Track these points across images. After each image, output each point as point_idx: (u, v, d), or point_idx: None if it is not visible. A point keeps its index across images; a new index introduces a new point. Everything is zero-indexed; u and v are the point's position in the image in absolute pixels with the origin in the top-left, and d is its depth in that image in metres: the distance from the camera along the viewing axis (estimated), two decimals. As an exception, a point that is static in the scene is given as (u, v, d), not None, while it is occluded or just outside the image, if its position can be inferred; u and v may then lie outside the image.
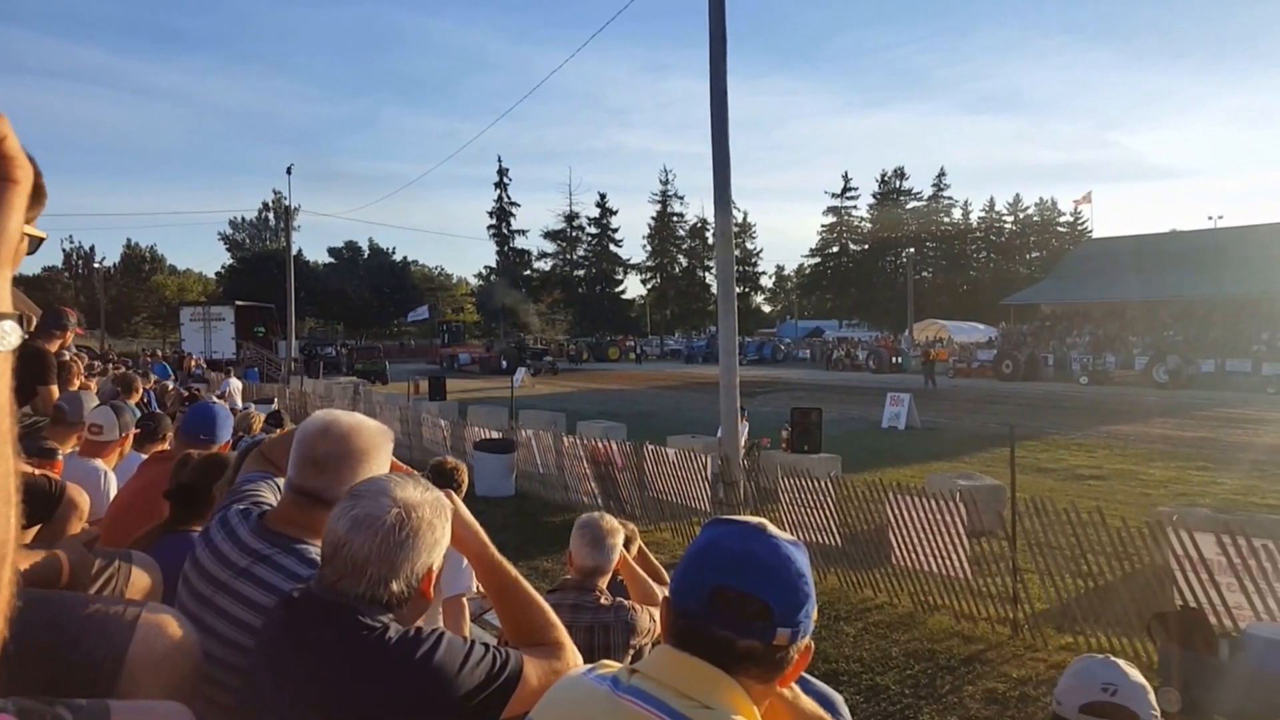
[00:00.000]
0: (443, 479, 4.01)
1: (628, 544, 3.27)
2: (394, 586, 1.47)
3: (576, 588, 3.06)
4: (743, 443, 9.83)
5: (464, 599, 3.50)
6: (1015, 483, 7.48)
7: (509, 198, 79.91)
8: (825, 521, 8.67)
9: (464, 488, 4.13)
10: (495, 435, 13.48)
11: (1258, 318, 38.00)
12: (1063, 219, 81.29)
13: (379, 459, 1.88)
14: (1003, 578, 7.14)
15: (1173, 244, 48.17)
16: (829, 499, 8.63)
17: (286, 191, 56.69)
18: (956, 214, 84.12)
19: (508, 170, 79.45)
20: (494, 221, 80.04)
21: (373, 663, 1.42)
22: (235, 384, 18.00)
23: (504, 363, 46.42)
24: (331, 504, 1.75)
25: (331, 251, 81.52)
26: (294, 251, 49.91)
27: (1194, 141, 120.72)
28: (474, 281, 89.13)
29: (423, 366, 48.96)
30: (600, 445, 11.48)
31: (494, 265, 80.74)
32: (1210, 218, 50.91)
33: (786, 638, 1.16)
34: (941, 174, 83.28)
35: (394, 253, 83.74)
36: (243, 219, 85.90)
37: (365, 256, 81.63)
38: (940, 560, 7.57)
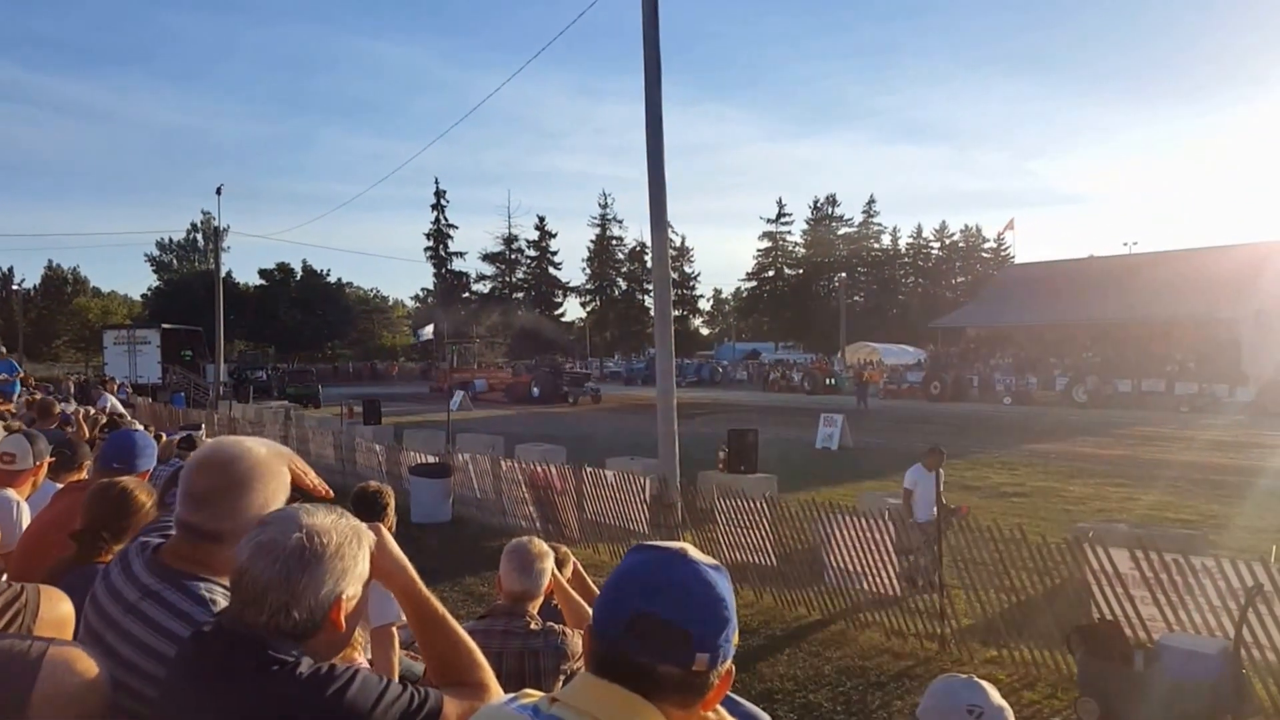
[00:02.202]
0: (366, 505, 3.95)
1: (561, 566, 3.29)
2: (296, 614, 1.41)
3: (506, 613, 3.04)
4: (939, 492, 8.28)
5: (394, 629, 3.43)
6: (941, 500, 7.71)
7: (446, 220, 79.59)
8: (761, 541, 8.81)
9: (390, 511, 4.05)
10: (431, 460, 13.37)
11: (1171, 340, 39.66)
12: (987, 245, 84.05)
13: (265, 488, 1.80)
14: (930, 594, 7.34)
15: (1090, 269, 50.05)
16: (764, 519, 8.78)
17: (216, 212, 55.47)
18: (886, 240, 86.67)
19: (445, 192, 79.23)
20: (431, 243, 79.53)
21: (280, 699, 1.37)
22: (112, 401, 17.15)
23: (536, 390, 40.96)
24: (217, 539, 1.72)
25: (263, 273, 79.89)
26: (223, 273, 48.90)
27: (1109, 170, 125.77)
28: (411, 304, 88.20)
29: (368, 390, 44.99)
30: (539, 469, 11.49)
31: (431, 287, 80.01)
32: (1125, 244, 53.17)
33: (706, 663, 1.15)
34: (872, 201, 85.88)
35: (328, 274, 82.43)
36: (170, 240, 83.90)
37: (298, 278, 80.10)
38: (871, 578, 7.76)
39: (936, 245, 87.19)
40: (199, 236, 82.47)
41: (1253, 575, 5.64)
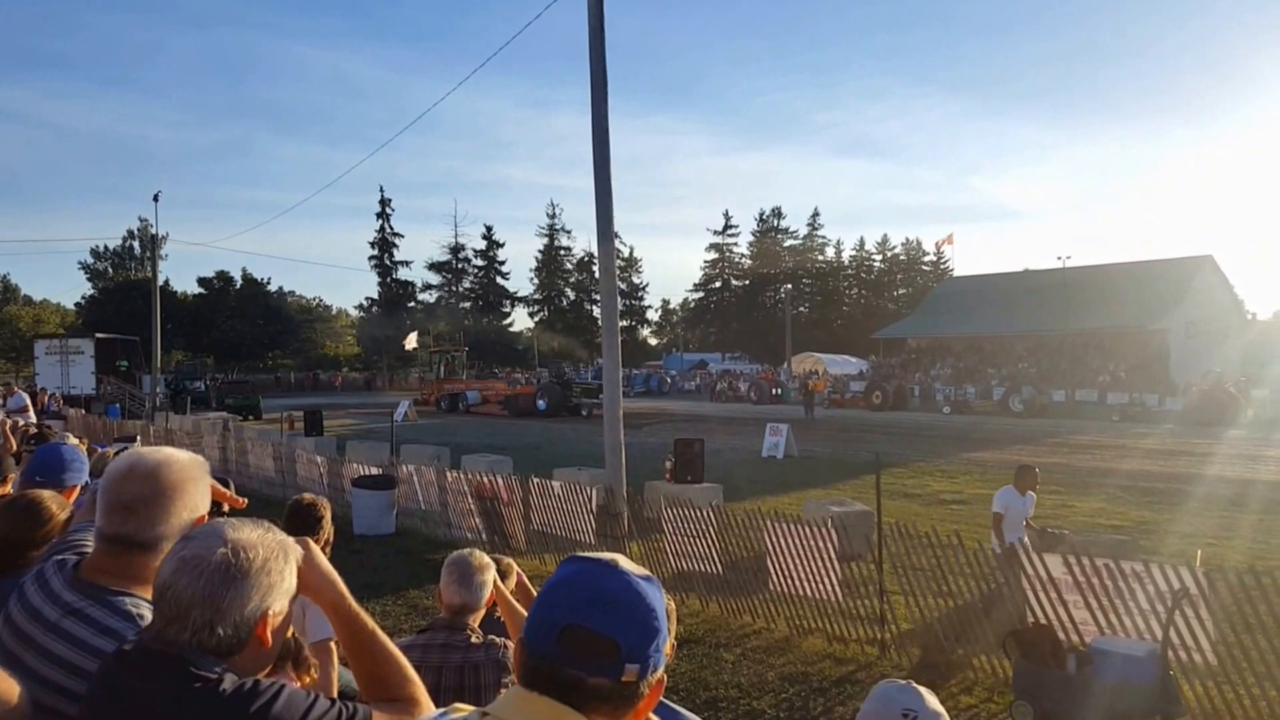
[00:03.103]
0: (301, 518, 3.88)
1: (504, 578, 3.27)
2: (221, 631, 1.39)
3: (447, 627, 3.01)
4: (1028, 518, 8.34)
5: (332, 644, 3.40)
6: (881, 508, 7.85)
7: (391, 228, 78.72)
8: (707, 550, 8.86)
9: (326, 524, 3.98)
10: (375, 472, 13.20)
11: (1103, 351, 40.89)
12: (927, 258, 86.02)
13: (192, 493, 1.80)
14: (871, 600, 7.46)
15: (1026, 282, 51.43)
16: (711, 528, 8.83)
17: (153, 219, 54.07)
18: (830, 252, 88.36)
19: (390, 201, 78.36)
20: (376, 252, 78.58)
21: (203, 717, 1.35)
22: (26, 399, 16.42)
23: (542, 403, 37.73)
24: (147, 547, 1.70)
25: (201, 282, 78.14)
26: (161, 281, 47.68)
27: (1045, 187, 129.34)
28: (354, 313, 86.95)
29: (311, 401, 44.17)
30: (485, 479, 11.41)
31: (376, 296, 79.02)
32: (1059, 258, 54.61)
33: (635, 674, 1.15)
34: (816, 214, 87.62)
35: (269, 283, 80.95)
36: (106, 248, 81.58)
37: (238, 287, 78.50)
38: (814, 585, 7.86)
39: (879, 258, 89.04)
40: (135, 244, 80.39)
41: (1179, 580, 5.83)
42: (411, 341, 49.29)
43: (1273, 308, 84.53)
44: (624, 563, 1.23)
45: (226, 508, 2.43)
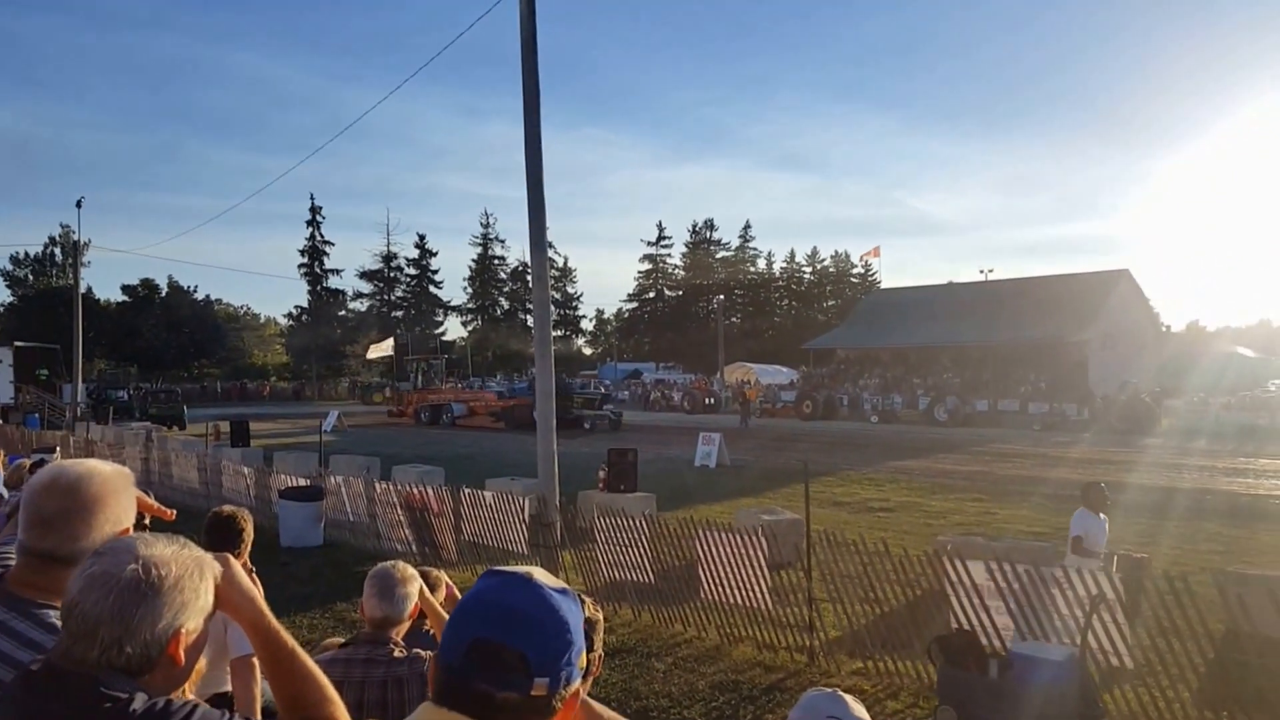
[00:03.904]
0: (221, 530, 3.78)
1: (434, 589, 3.24)
2: (130, 649, 1.36)
3: (370, 641, 2.96)
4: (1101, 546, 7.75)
5: (253, 659, 3.33)
6: (810, 516, 7.96)
7: (322, 236, 77.32)
8: (639, 559, 8.89)
9: (247, 537, 3.89)
10: (303, 483, 12.93)
11: (1024, 362, 42.13)
12: (855, 270, 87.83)
13: (115, 506, 1.77)
14: (800, 607, 7.56)
15: (950, 294, 52.83)
16: (643, 537, 8.86)
17: (76, 225, 52.16)
18: (761, 264, 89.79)
19: (321, 208, 76.98)
20: (306, 260, 77.06)
21: None
22: None
23: (537, 414, 36.35)
24: (70, 562, 1.64)
25: (126, 289, 75.60)
26: (83, 289, 46.04)
27: (968, 202, 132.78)
28: (284, 321, 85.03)
29: (238, 410, 42.10)
30: (415, 490, 11.26)
31: (306, 305, 77.41)
32: (982, 271, 56.32)
33: (546, 687, 1.15)
34: (748, 226, 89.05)
35: (195, 291, 78.70)
36: (25, 254, 78.24)
37: (163, 295, 76.18)
38: (745, 593, 7.94)
39: (809, 270, 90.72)
40: (57, 251, 77.32)
41: (1096, 585, 6.04)
42: (382, 348, 46.26)
43: (1186, 320, 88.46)
44: (540, 576, 1.24)
45: (148, 519, 2.37)
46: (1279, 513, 14.73)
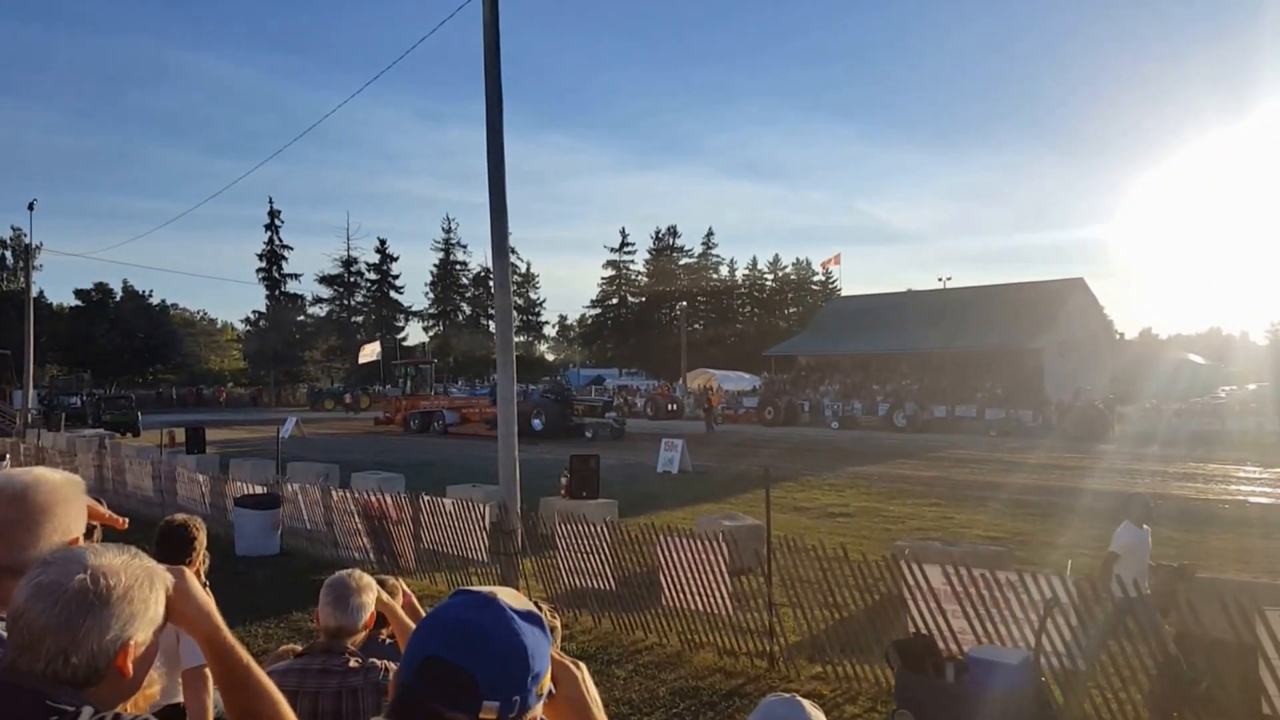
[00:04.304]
0: (173, 540, 3.70)
1: (392, 597, 3.20)
2: (76, 661, 1.33)
3: (325, 651, 2.91)
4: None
5: (206, 670, 3.27)
6: (770, 522, 7.99)
7: (281, 240, 76.35)
8: (601, 566, 8.87)
9: (200, 546, 3.82)
10: (259, 490, 12.74)
11: (981, 369, 42.75)
12: (816, 278, 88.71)
13: (64, 514, 1.75)
14: (760, 613, 7.59)
15: (909, 302, 53.46)
16: (604, 544, 8.85)
17: (27, 228, 51.07)
18: (724, 271, 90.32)
19: (279, 212, 76.02)
20: (264, 264, 75.99)
21: None
22: None
23: (537, 422, 32.88)
24: (16, 572, 1.60)
25: (79, 293, 73.97)
26: (34, 293, 45.01)
27: (926, 211, 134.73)
28: (241, 327, 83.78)
29: (198, 417, 41.32)
30: (373, 498, 11.14)
31: (264, 310, 76.35)
32: (940, 279, 57.18)
33: (495, 712, 1.13)
34: (710, 233, 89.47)
35: (150, 295, 77.18)
36: (-25, 258, 76.33)
37: (118, 299, 74.67)
38: (706, 598, 7.95)
39: (770, 277, 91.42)
40: (8, 254, 75.50)
41: (1050, 589, 6.14)
42: (370, 353, 44.11)
43: (1139, 328, 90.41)
44: (505, 597, 1.21)
45: (98, 528, 2.32)
46: (1228, 517, 15.07)
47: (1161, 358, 53.34)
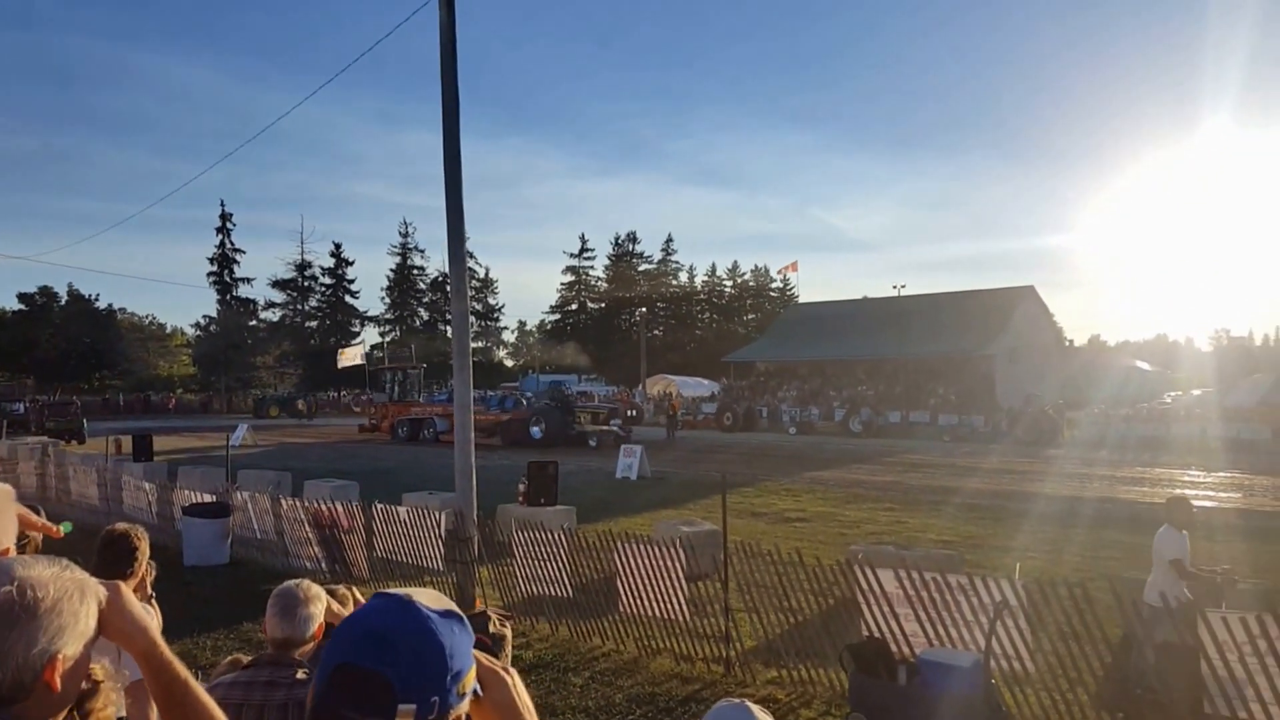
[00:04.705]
0: (113, 550, 3.60)
1: (343, 606, 3.16)
2: (0, 675, 1.29)
3: (272, 663, 2.86)
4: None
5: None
6: (727, 527, 8.02)
7: (232, 243, 75.07)
8: (558, 573, 8.83)
9: (142, 556, 3.72)
10: (208, 499, 12.50)
11: (935, 375, 43.42)
12: (774, 284, 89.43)
13: None
14: (717, 618, 7.62)
15: (865, 309, 54.22)
16: (562, 551, 8.82)
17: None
18: (683, 277, 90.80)
19: (231, 215, 74.71)
20: (215, 268, 74.65)
21: None
22: None
23: (537, 430, 31.69)
24: None
25: (22, 297, 72.02)
26: (-26, 297, 43.81)
27: (881, 219, 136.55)
28: (191, 332, 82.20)
29: (146, 424, 40.23)
30: (324, 507, 10.98)
31: (215, 315, 74.98)
32: (895, 286, 58.07)
33: (412, 715, 1.10)
34: (670, 240, 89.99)
35: (97, 300, 75.39)
36: (-85, 260, 74.07)
37: (62, 303, 72.84)
38: (663, 605, 7.96)
39: (729, 284, 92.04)
40: (-51, 257, 73.43)
41: (1000, 592, 6.23)
42: (353, 357, 42.17)
43: (1088, 335, 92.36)
44: (421, 598, 1.19)
45: (39, 538, 2.26)
46: (1171, 519, 15.42)
47: (1109, 364, 54.58)
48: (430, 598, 1.21)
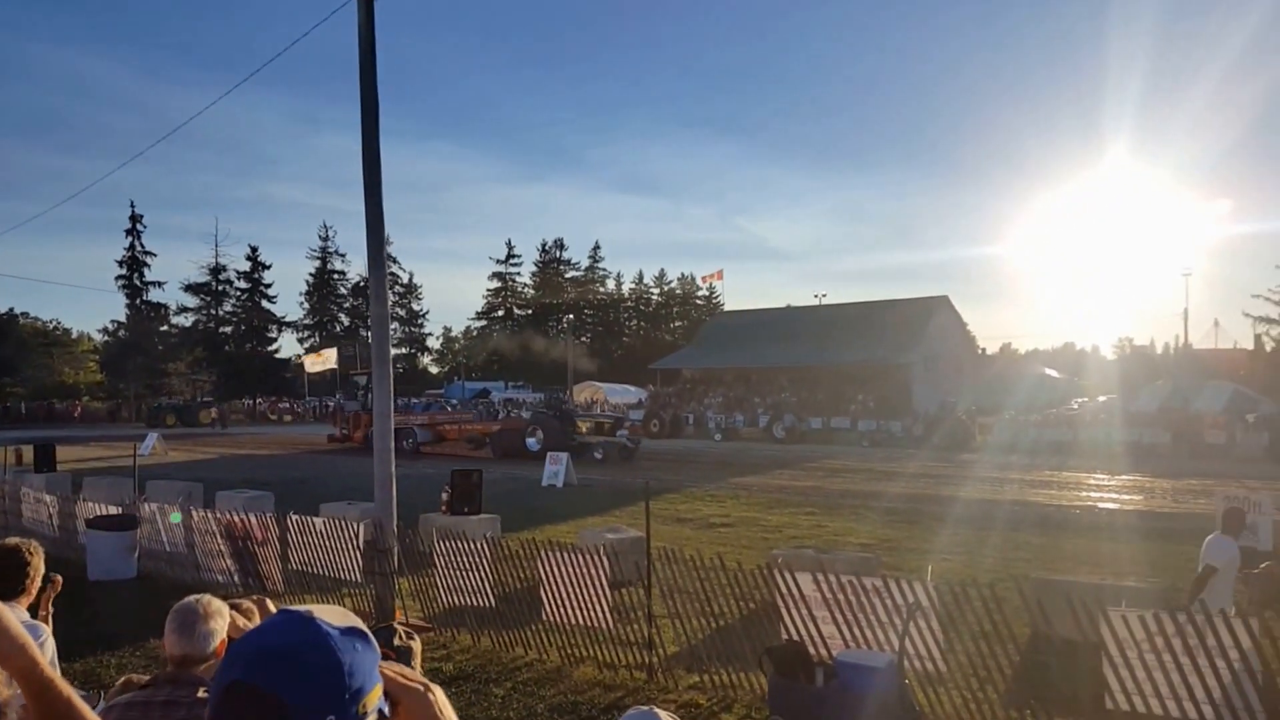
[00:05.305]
0: (3, 566, 3.44)
1: (249, 619, 3.07)
2: None
3: (170, 681, 2.75)
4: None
5: None
6: (650, 533, 8.05)
7: (143, 246, 72.29)
8: (480, 583, 8.74)
9: (34, 571, 3.56)
10: (114, 511, 12.01)
11: (855, 382, 44.33)
12: (700, 292, 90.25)
13: None
14: (640, 625, 7.63)
15: (788, 318, 55.12)
16: (485, 560, 8.73)
17: None
18: (611, 284, 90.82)
19: (142, 216, 72.00)
20: (125, 271, 71.85)
21: None
22: None
23: (533, 441, 29.84)
24: None
25: (-85, 302, 68.21)
26: None
27: (803, 229, 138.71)
28: (99, 337, 78.95)
29: (49, 433, 38.16)
30: (236, 518, 10.66)
31: (124, 319, 72.15)
32: (817, 295, 59.22)
33: None
34: (597, 247, 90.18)
35: (-5, 304, 71.83)
36: None
37: (-41, 308, 69.29)
38: (586, 612, 7.94)
39: (656, 291, 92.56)
40: None
41: (913, 593, 6.39)
42: (322, 361, 39.85)
43: (999, 343, 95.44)
44: (322, 613, 1.17)
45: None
46: (1080, 522, 16.05)
47: (1021, 372, 56.47)
48: (334, 614, 1.18)
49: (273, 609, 3.42)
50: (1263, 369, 46.76)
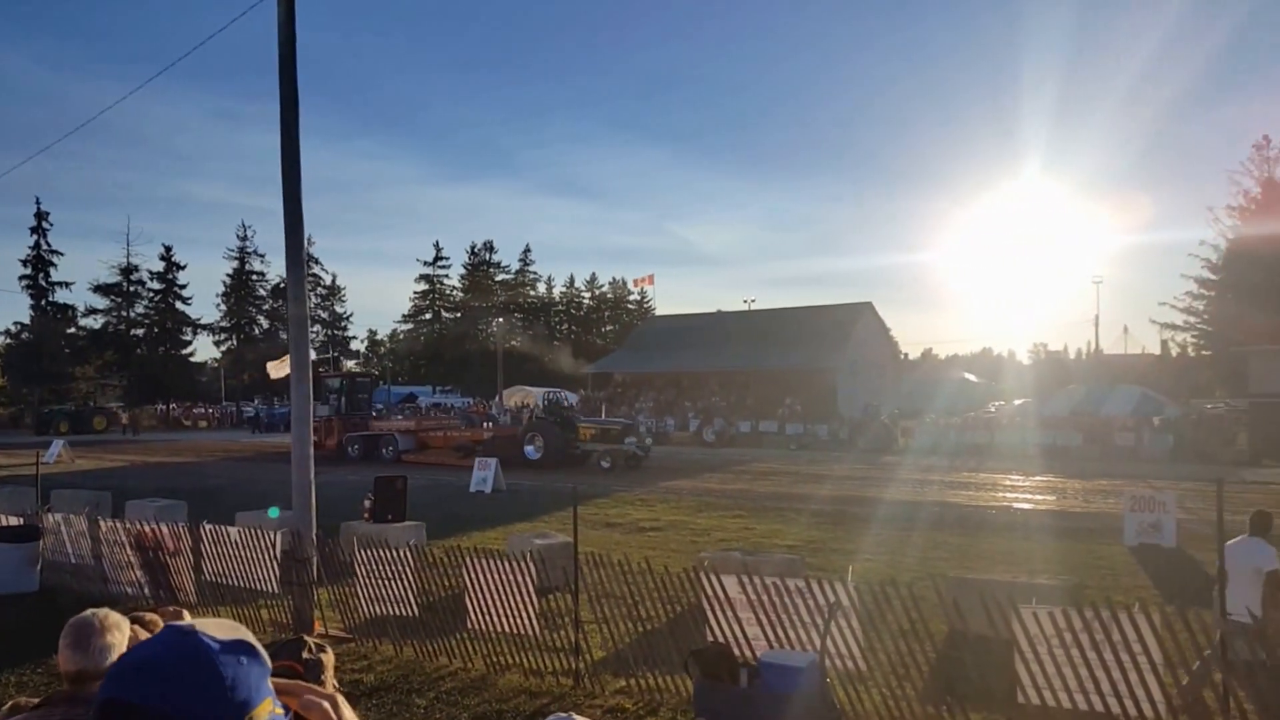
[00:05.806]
0: None
1: (152, 631, 2.95)
2: None
3: (66, 700, 2.64)
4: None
5: None
6: (580, 539, 8.02)
7: (49, 245, 69.24)
8: (403, 592, 8.58)
9: None
10: (14, 521, 11.48)
11: (783, 386, 44.98)
12: (632, 297, 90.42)
13: None
14: (567, 631, 7.59)
15: (718, 323, 55.67)
16: (408, 568, 8.57)
17: None
18: (542, 288, 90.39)
19: (48, 214, 68.96)
20: (29, 271, 68.76)
21: None
22: None
23: (532, 449, 28.19)
24: None
25: None
26: None
27: (732, 235, 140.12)
28: (0, 340, 75.34)
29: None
30: (146, 528, 10.28)
31: (28, 321, 69.03)
32: (746, 301, 59.95)
33: None
34: (528, 250, 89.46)
35: (-117, 303, 68.05)
36: None
37: None
38: (513, 619, 7.86)
39: (588, 295, 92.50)
40: None
41: (834, 593, 6.48)
42: (282, 368, 38.10)
43: (921, 348, 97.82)
44: (206, 627, 1.14)
45: None
46: (996, 521, 16.52)
47: (941, 376, 58.02)
48: (221, 628, 1.14)
49: (182, 618, 3.29)
50: (1169, 373, 48.97)
